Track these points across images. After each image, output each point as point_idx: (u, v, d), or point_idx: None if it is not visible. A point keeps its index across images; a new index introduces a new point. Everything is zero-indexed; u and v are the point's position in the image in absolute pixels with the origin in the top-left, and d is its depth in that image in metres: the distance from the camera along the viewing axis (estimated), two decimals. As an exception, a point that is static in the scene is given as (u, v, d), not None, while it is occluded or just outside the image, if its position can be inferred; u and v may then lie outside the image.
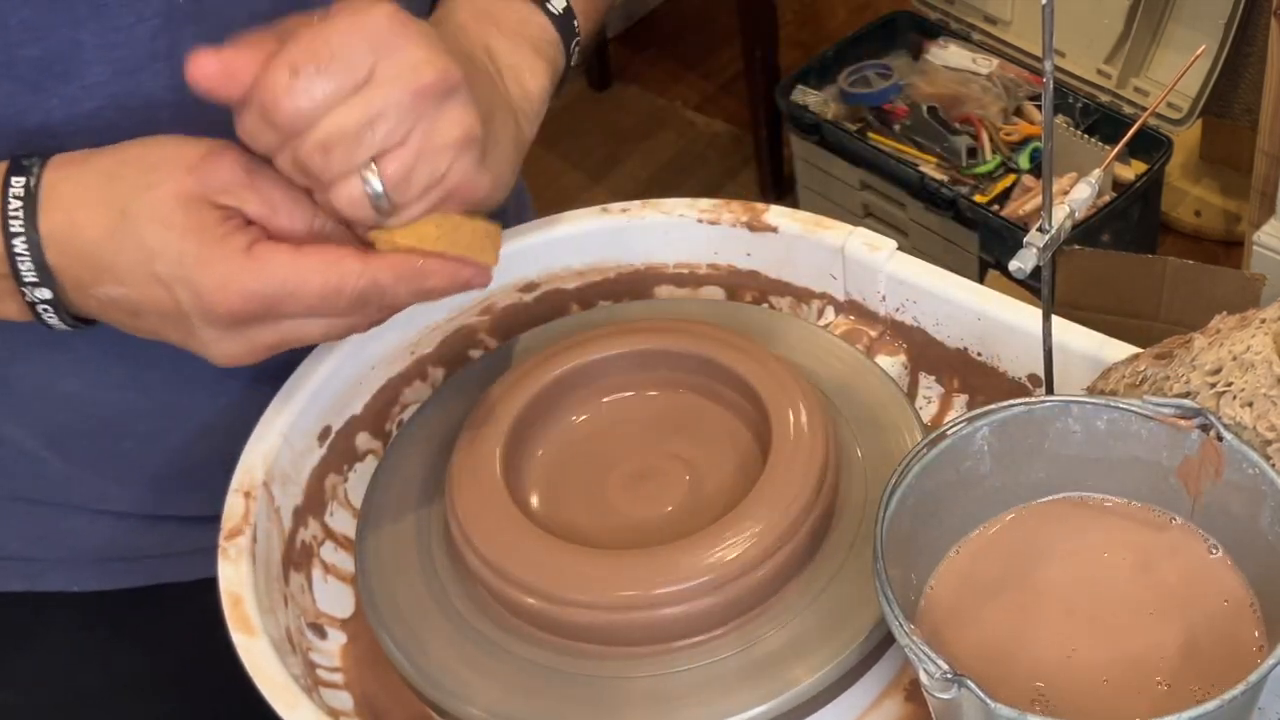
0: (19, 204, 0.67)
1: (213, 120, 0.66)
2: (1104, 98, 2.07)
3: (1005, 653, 0.65)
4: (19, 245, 0.67)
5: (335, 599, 0.79)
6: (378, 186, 0.65)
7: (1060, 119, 2.03)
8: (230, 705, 0.69)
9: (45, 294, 0.68)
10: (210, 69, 0.63)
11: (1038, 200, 1.94)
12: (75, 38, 0.71)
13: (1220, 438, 0.65)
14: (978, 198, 1.97)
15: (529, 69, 0.76)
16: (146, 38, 0.72)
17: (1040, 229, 0.66)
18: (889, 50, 2.21)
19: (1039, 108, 2.07)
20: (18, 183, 0.67)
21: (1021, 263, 0.65)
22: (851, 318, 0.86)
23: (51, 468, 0.88)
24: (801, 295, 0.88)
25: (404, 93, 0.63)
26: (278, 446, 0.78)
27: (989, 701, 0.57)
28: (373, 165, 0.64)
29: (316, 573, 0.80)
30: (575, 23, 0.78)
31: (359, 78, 0.63)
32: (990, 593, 0.67)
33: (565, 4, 0.77)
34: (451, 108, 0.65)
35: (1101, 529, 0.69)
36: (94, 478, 0.88)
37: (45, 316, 0.69)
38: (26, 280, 0.68)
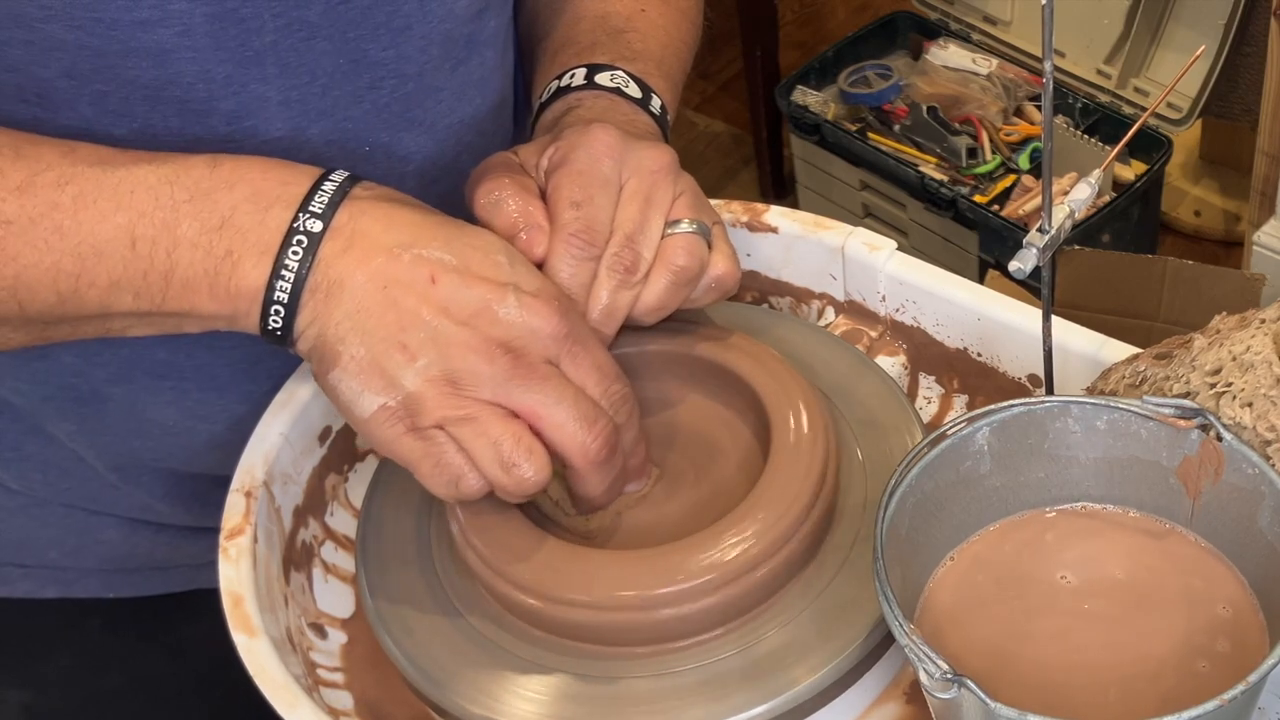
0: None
1: (371, 178, 0.73)
2: (1104, 98, 2.07)
3: (1005, 653, 0.65)
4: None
5: (335, 599, 0.79)
6: (689, 226, 0.74)
7: (1060, 119, 2.03)
8: (250, 710, 0.69)
9: (316, 225, 0.68)
10: (540, 241, 0.73)
11: (1038, 200, 1.94)
12: (263, 94, 0.75)
13: (1220, 438, 0.65)
14: (978, 198, 1.97)
15: None
16: (317, 96, 0.76)
17: (1040, 229, 0.66)
18: (889, 50, 2.21)
19: (1039, 108, 2.07)
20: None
21: (1021, 263, 0.65)
22: (851, 318, 0.86)
23: (104, 481, 0.89)
24: (801, 295, 0.88)
25: (654, 175, 0.75)
26: (278, 446, 0.78)
27: (989, 701, 0.57)
28: (672, 223, 0.74)
29: (317, 572, 0.80)
30: (668, 116, 0.87)
31: (617, 184, 0.74)
32: (990, 593, 0.67)
33: (661, 104, 0.86)
34: (682, 173, 0.77)
35: (1101, 532, 0.69)
36: (143, 494, 0.89)
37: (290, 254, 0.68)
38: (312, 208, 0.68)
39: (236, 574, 0.72)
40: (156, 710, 0.98)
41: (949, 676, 0.58)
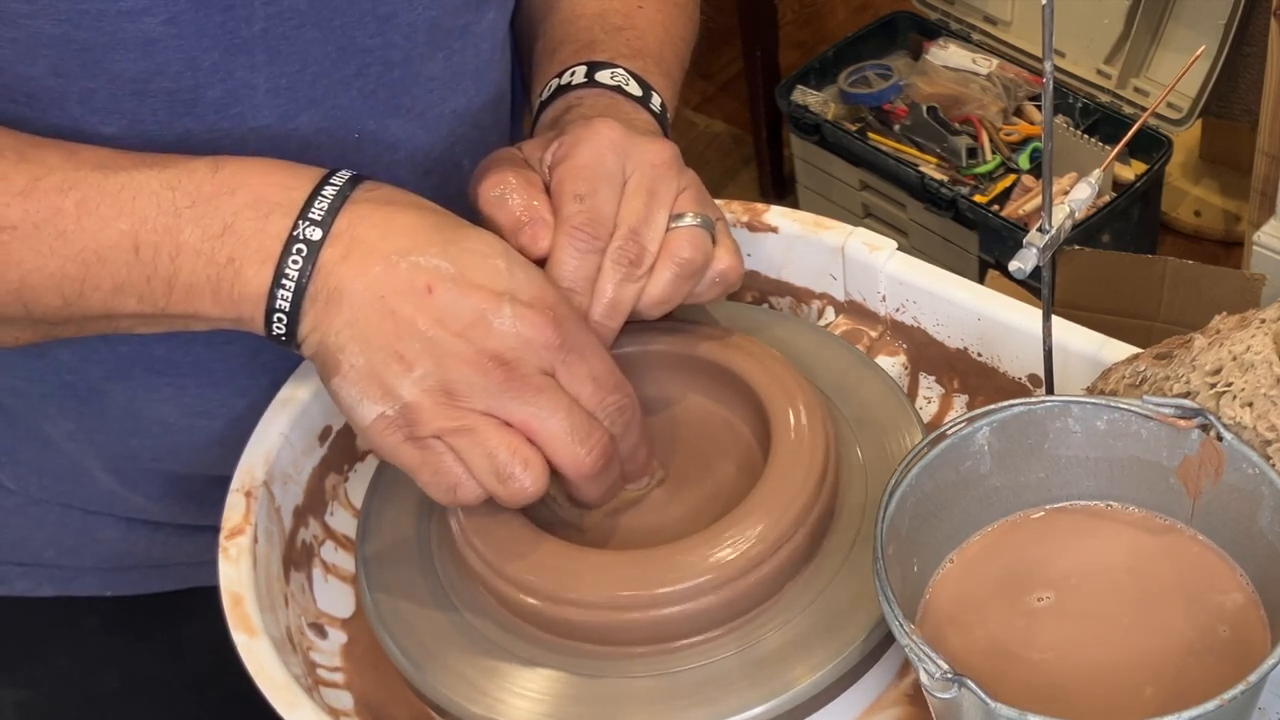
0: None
1: (360, 166, 0.73)
2: (1104, 98, 2.07)
3: (1006, 653, 0.65)
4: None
5: (335, 599, 0.79)
6: (693, 220, 0.75)
7: (1060, 119, 2.03)
8: (248, 710, 0.70)
9: (316, 233, 0.67)
10: (544, 236, 0.73)
11: (1038, 200, 1.94)
12: (251, 81, 0.74)
13: (1220, 438, 0.65)
14: (978, 198, 1.97)
15: None
16: (306, 84, 0.76)
17: (1040, 229, 0.66)
18: (889, 50, 2.21)
19: (1039, 108, 2.07)
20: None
21: (1021, 263, 0.65)
22: (851, 318, 0.86)
23: (101, 483, 0.89)
24: (801, 295, 0.88)
25: (656, 169, 0.74)
26: (278, 446, 0.78)
27: (989, 701, 0.57)
28: (676, 216, 0.74)
29: (317, 572, 0.80)
30: (668, 114, 0.87)
31: (621, 179, 0.74)
32: (991, 592, 0.67)
33: (661, 101, 0.86)
34: (685, 168, 0.77)
35: (1101, 531, 0.69)
36: (140, 497, 0.90)
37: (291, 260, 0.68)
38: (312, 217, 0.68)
39: (237, 574, 0.72)
40: (153, 710, 0.98)
41: (949, 676, 0.58)
